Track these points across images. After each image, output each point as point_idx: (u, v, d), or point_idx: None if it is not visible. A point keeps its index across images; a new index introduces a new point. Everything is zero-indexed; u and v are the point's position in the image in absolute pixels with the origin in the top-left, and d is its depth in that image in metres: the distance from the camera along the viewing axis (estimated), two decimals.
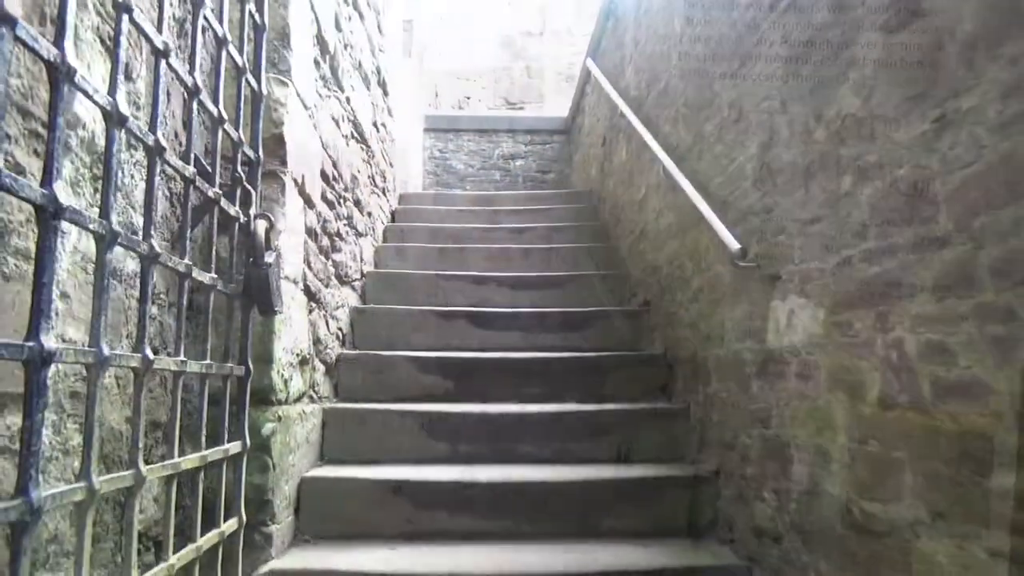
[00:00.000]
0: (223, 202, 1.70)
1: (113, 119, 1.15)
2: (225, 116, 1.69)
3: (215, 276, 1.65)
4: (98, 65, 1.42)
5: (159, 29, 1.33)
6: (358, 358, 3.18)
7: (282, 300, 2.02)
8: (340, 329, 3.30)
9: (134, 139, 1.24)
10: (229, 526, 1.74)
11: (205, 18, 1.58)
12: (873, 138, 1.53)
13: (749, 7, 2.22)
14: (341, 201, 3.34)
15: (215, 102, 1.67)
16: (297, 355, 2.44)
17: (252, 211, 1.95)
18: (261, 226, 1.90)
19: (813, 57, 1.81)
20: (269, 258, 1.90)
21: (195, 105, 1.54)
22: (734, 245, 2.13)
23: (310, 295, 2.67)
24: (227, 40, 1.70)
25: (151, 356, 1.29)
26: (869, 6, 1.55)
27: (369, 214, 4.13)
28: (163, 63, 1.35)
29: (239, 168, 1.85)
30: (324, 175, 2.93)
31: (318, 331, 2.81)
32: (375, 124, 4.31)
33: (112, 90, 1.15)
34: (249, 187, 1.96)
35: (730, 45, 2.40)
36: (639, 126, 3.46)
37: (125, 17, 1.17)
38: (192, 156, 1.50)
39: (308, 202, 2.62)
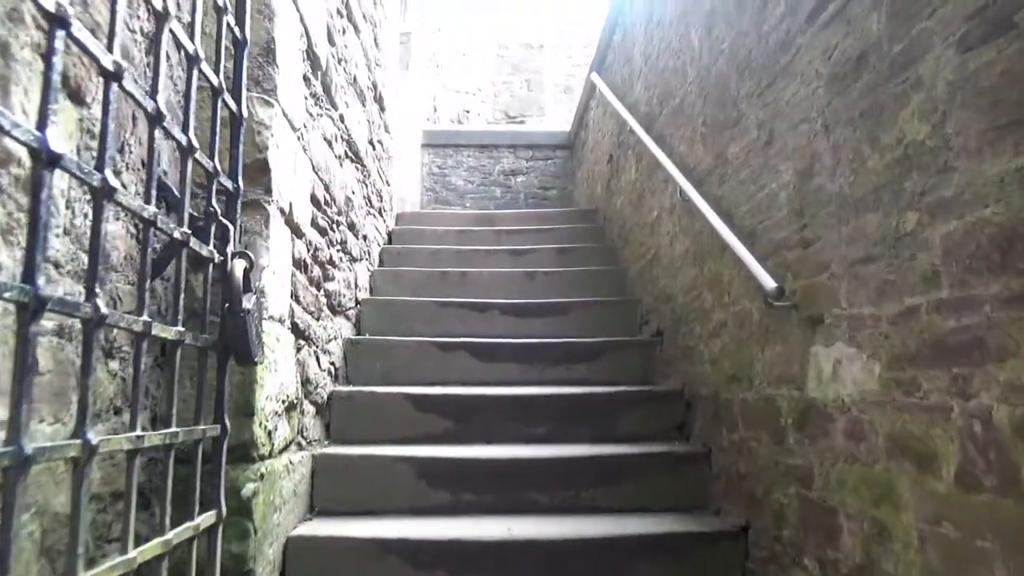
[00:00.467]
0: (193, 242, 1.48)
1: (41, 159, 0.93)
2: (196, 144, 1.47)
3: (182, 330, 1.42)
4: (38, 90, 1.21)
5: (110, 47, 1.11)
6: (352, 396, 2.95)
7: (263, 348, 1.80)
8: (332, 364, 3.08)
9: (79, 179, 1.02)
10: None
11: (172, 32, 1.36)
12: (947, 170, 1.32)
13: (783, 19, 2.02)
14: (334, 226, 3.12)
15: (184, 129, 1.46)
16: (283, 402, 2.22)
17: (230, 249, 1.73)
18: (239, 267, 1.68)
19: (865, 76, 1.60)
20: (248, 302, 1.68)
21: (158, 133, 1.31)
22: (769, 283, 1.92)
23: (298, 332, 2.45)
24: (199, 58, 1.49)
25: (94, 440, 1.06)
26: (940, 18, 1.34)
27: (364, 237, 3.92)
28: (114, 87, 1.13)
29: (214, 201, 1.64)
30: (315, 200, 2.71)
31: (307, 371, 2.58)
32: (371, 142, 4.11)
33: (41, 123, 0.93)
34: (226, 222, 1.73)
35: (759, 61, 2.19)
36: (652, 145, 3.26)
37: (60, 33, 0.96)
38: (153, 194, 1.28)
39: (296, 232, 2.40)
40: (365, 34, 3.89)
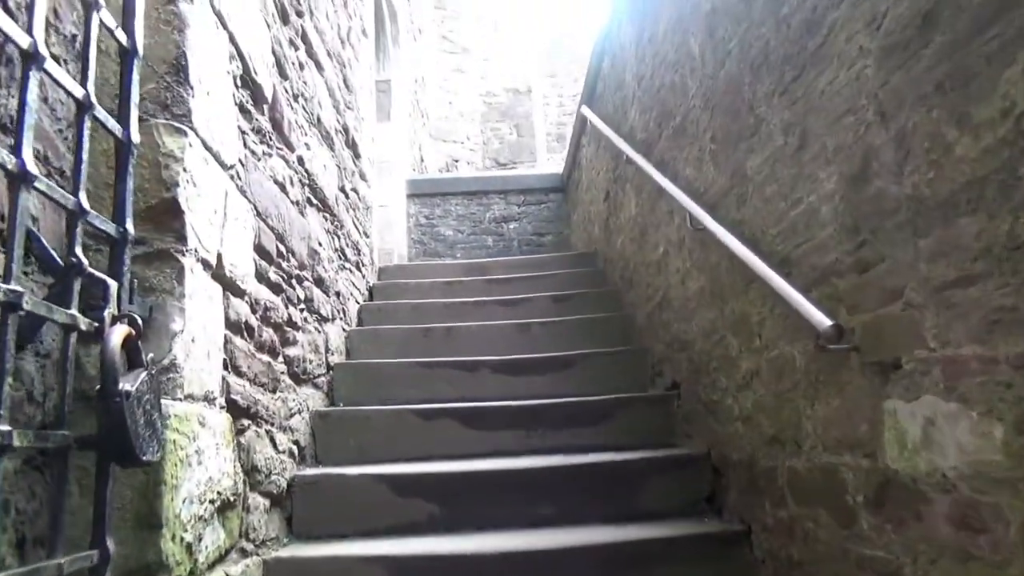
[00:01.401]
0: (29, 304, 1.06)
1: None
2: (34, 172, 1.07)
3: (7, 431, 0.99)
4: None
5: None
6: (317, 482, 2.48)
7: (159, 441, 1.35)
8: (296, 443, 2.62)
9: None
10: None
11: None
12: None
13: None
14: (293, 282, 2.71)
15: (16, 149, 1.06)
16: (213, 502, 1.76)
17: (109, 312, 1.31)
18: (116, 336, 1.25)
19: (937, 39, 1.20)
20: (130, 382, 1.25)
21: None
22: (821, 321, 1.48)
23: (239, 411, 2.00)
24: (38, 55, 1.10)
25: None
26: None
27: (337, 294, 3.50)
28: None
29: (78, 250, 1.22)
30: (262, 251, 2.30)
31: (255, 456, 2.13)
32: (343, 189, 3.73)
33: None
34: (104, 277, 1.32)
35: (779, 52, 1.81)
36: (652, 171, 2.87)
37: None
38: None
39: (232, 288, 1.98)
40: (331, 73, 3.55)
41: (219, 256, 1.87)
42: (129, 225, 1.40)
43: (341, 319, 3.57)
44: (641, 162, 3.06)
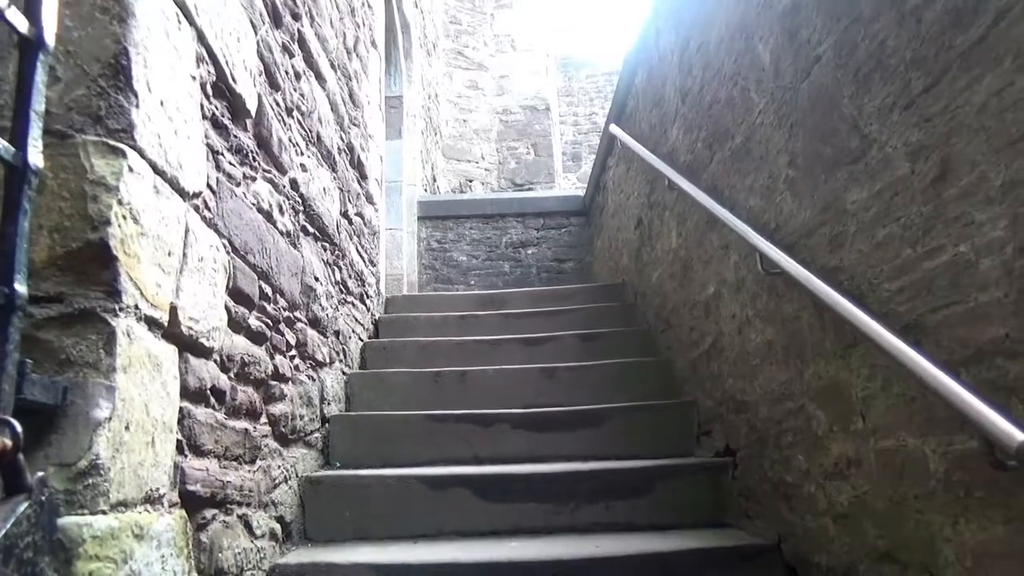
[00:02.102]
0: None
1: None
2: None
3: None
4: None
5: None
6: (303, 573, 2.05)
7: None
8: (280, 518, 2.20)
9: None
10: None
11: None
12: None
13: None
14: (282, 326, 2.30)
15: None
16: None
17: None
18: None
19: None
20: None
21: None
22: (1008, 433, 1.03)
23: (199, 503, 1.58)
24: None
25: None
26: None
27: (336, 333, 3.09)
28: None
29: None
30: (240, 296, 1.90)
31: (221, 555, 1.70)
32: (346, 215, 3.33)
33: None
34: None
35: (903, 55, 1.38)
36: (705, 200, 2.44)
37: None
38: None
39: (192, 348, 1.57)
40: (334, 86, 3.16)
41: (173, 311, 1.45)
42: (19, 285, 0.98)
43: (340, 361, 3.15)
44: (688, 188, 2.64)
